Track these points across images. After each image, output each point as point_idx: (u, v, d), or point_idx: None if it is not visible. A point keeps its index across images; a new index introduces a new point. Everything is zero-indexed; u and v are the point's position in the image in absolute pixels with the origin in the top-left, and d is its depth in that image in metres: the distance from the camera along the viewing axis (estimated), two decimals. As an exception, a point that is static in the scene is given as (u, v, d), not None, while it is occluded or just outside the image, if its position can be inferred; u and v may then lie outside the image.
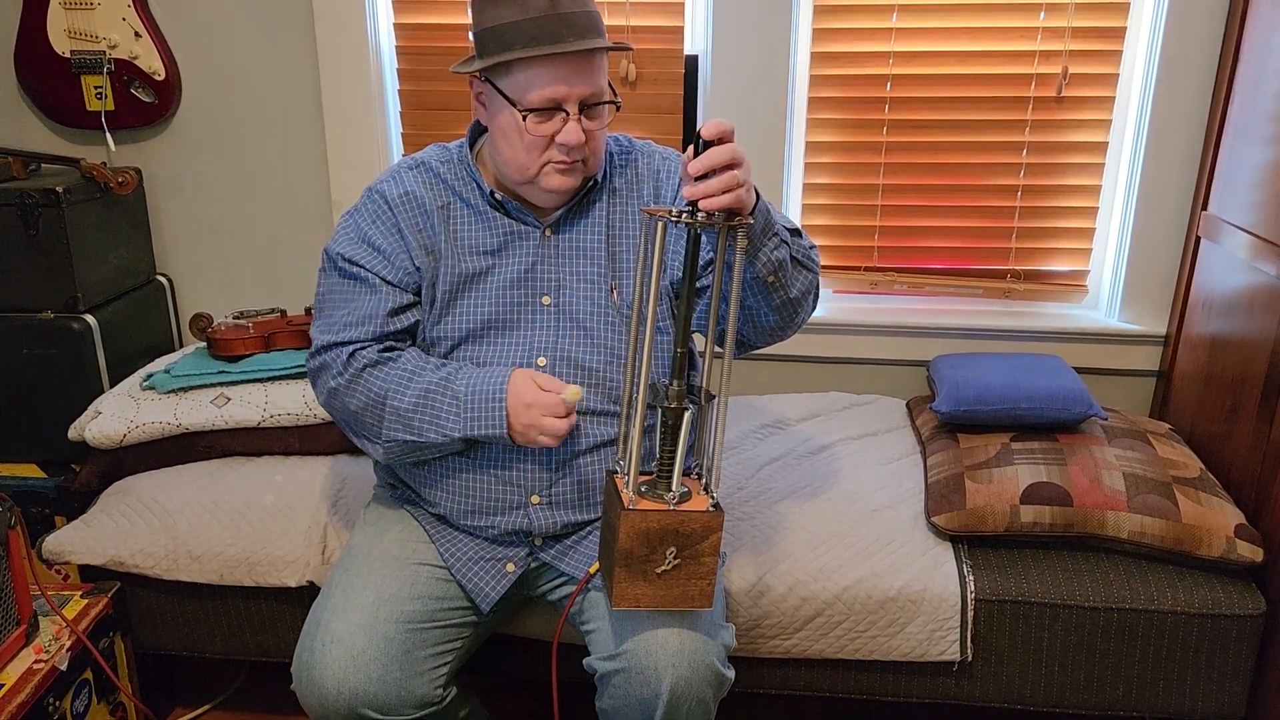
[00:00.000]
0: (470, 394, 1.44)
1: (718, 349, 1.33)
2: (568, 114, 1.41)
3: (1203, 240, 2.14)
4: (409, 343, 1.56)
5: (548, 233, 1.53)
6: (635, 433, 1.28)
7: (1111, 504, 1.73)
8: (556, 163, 1.44)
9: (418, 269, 1.53)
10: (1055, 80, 2.22)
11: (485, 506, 1.53)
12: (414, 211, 1.53)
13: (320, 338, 1.54)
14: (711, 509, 1.28)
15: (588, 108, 1.42)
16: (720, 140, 1.24)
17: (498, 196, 1.52)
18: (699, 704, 1.36)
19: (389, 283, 1.52)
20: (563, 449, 1.50)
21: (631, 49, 1.47)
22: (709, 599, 1.33)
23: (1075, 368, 2.11)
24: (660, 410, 1.31)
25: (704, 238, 1.45)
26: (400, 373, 1.48)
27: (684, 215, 1.25)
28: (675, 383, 1.30)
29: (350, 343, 1.50)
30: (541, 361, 1.51)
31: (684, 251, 1.32)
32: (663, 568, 1.28)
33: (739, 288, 1.28)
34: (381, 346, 1.51)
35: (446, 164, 1.57)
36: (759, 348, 1.57)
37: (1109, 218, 2.32)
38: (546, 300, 1.53)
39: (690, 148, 1.25)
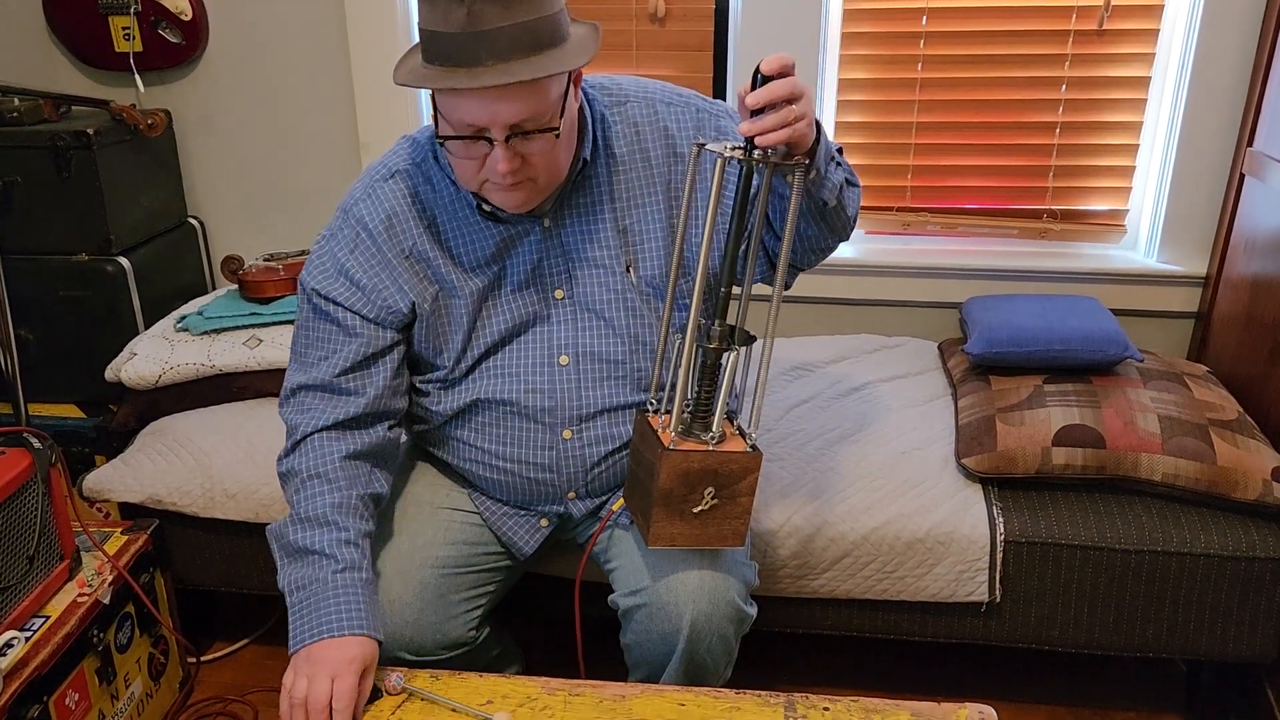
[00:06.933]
0: (310, 601, 1.29)
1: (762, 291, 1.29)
2: (492, 141, 1.23)
3: (1247, 178, 2.08)
4: (381, 391, 1.41)
5: (546, 223, 1.40)
6: (681, 374, 1.26)
7: (1145, 446, 1.71)
8: (495, 183, 1.28)
9: (410, 303, 1.40)
10: (1097, 12, 2.15)
11: (521, 498, 1.52)
12: (400, 237, 1.39)
13: (290, 379, 1.42)
14: (750, 449, 1.28)
15: (522, 133, 1.23)
16: (780, 75, 1.14)
17: (486, 208, 1.37)
18: (720, 639, 1.37)
19: (368, 320, 1.40)
20: (597, 450, 1.46)
21: (570, 70, 1.23)
22: (742, 537, 1.32)
23: (1112, 309, 2.08)
24: (700, 350, 1.28)
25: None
26: (315, 521, 1.34)
27: (738, 150, 1.19)
28: (717, 323, 1.27)
29: (304, 422, 1.39)
30: (564, 360, 1.43)
31: (734, 189, 1.24)
32: (700, 507, 1.27)
33: (793, 225, 1.22)
34: (332, 434, 1.38)
35: (420, 165, 1.40)
36: (807, 269, 1.49)
37: (1149, 155, 2.26)
38: (560, 294, 1.42)
39: (748, 83, 1.18)
